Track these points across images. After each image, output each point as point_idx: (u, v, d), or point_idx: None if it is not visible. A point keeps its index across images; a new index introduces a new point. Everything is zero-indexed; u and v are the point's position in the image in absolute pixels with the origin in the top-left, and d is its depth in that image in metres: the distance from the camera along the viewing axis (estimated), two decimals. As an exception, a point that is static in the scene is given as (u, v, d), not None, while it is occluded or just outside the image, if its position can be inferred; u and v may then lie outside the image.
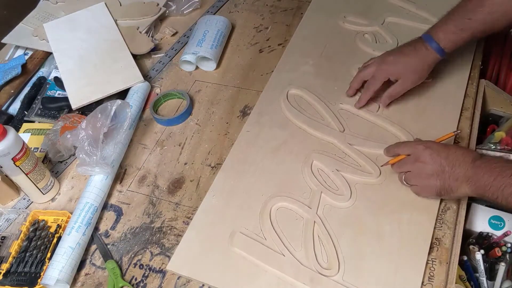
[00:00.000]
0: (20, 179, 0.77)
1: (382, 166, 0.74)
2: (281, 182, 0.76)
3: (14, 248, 0.73)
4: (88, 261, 0.73)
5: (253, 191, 0.75)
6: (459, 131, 0.74)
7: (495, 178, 0.62)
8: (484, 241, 0.72)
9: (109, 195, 0.81)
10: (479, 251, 0.69)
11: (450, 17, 0.78)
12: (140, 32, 1.07)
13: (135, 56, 1.02)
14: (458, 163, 0.65)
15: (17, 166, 0.74)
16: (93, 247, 0.75)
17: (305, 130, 0.83)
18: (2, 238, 0.76)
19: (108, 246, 0.74)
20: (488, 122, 0.89)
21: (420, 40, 0.79)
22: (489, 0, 0.73)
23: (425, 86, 0.84)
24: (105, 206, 0.79)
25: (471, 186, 0.65)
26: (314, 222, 0.70)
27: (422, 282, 0.63)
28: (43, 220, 0.77)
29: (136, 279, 0.70)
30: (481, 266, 0.69)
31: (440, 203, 0.70)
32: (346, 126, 0.82)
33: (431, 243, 0.66)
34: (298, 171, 0.77)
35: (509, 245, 0.70)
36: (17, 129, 0.93)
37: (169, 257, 0.71)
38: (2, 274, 0.71)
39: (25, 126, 0.94)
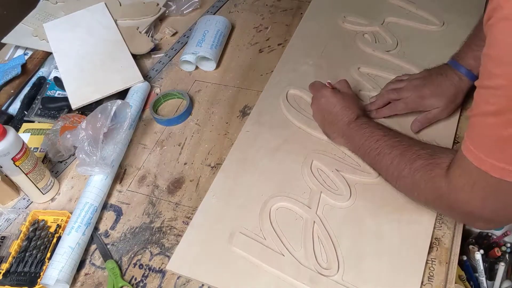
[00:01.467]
0: (20, 179, 0.77)
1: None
2: (281, 182, 0.76)
3: (14, 248, 0.73)
4: (88, 261, 0.73)
5: (252, 191, 0.75)
6: None
7: (364, 141, 0.70)
8: (484, 241, 0.72)
9: (109, 195, 0.81)
10: (478, 251, 0.70)
11: (475, 43, 0.76)
12: (140, 32, 1.07)
13: (135, 56, 1.02)
14: (336, 121, 0.75)
15: (17, 166, 0.74)
16: (93, 247, 0.75)
17: (304, 130, 0.83)
18: (2, 238, 0.76)
19: (108, 246, 0.74)
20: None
21: (449, 68, 0.78)
22: None
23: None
24: (105, 206, 0.79)
25: (346, 142, 0.75)
26: (314, 222, 0.70)
27: (422, 282, 0.63)
28: (43, 220, 0.77)
29: (136, 279, 0.70)
30: (480, 266, 0.69)
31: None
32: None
33: (431, 243, 0.66)
34: (297, 171, 0.77)
35: (508, 245, 0.71)
36: (17, 129, 0.93)
37: (168, 257, 0.71)
38: (2, 274, 0.71)
39: (25, 126, 0.94)
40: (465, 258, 0.71)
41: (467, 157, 0.52)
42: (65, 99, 0.95)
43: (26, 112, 0.97)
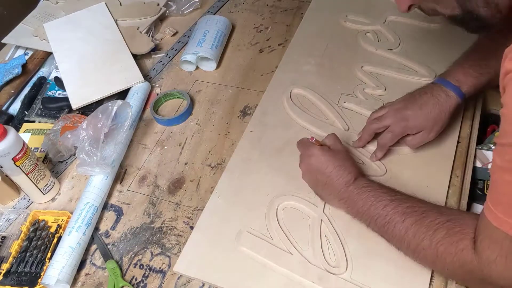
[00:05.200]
0: (20, 179, 0.77)
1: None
2: (287, 181, 0.76)
3: (14, 248, 0.73)
4: (88, 261, 0.73)
5: (258, 191, 0.75)
6: None
7: (369, 207, 0.63)
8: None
9: (109, 195, 0.81)
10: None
11: (466, 61, 0.74)
12: (140, 32, 1.07)
13: (135, 56, 1.02)
14: (331, 182, 0.67)
15: (17, 166, 0.74)
16: (93, 247, 0.75)
17: (309, 130, 0.83)
18: (3, 238, 0.76)
19: (108, 246, 0.74)
20: (488, 122, 0.88)
21: (437, 86, 0.74)
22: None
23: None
24: (105, 206, 0.79)
25: (346, 207, 0.67)
26: (321, 220, 0.70)
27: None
28: (43, 220, 0.77)
29: (136, 279, 0.70)
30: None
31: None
32: (350, 125, 0.82)
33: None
34: None
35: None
36: (18, 129, 0.93)
37: (169, 257, 0.71)
38: (2, 274, 0.71)
39: (25, 126, 0.94)
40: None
41: (490, 220, 0.49)
42: (66, 99, 0.95)
43: (26, 112, 0.96)
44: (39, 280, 0.69)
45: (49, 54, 1.08)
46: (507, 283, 0.50)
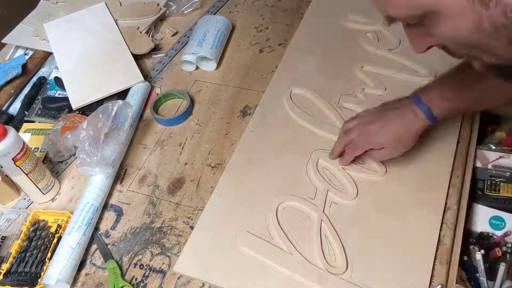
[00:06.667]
0: (20, 179, 0.77)
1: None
2: (287, 182, 0.76)
3: (14, 248, 0.73)
4: (88, 261, 0.73)
5: (258, 191, 0.75)
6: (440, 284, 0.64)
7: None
8: (485, 241, 0.72)
9: (109, 195, 0.81)
10: (479, 251, 0.69)
11: (448, 80, 0.68)
12: (140, 32, 1.07)
13: (135, 56, 1.02)
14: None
15: (17, 166, 0.74)
16: (94, 247, 0.75)
17: (309, 130, 0.83)
18: (3, 238, 0.76)
19: (109, 246, 0.74)
20: (488, 122, 0.88)
21: (408, 102, 0.68)
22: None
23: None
24: (105, 206, 0.79)
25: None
26: (321, 220, 0.70)
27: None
28: (44, 220, 0.77)
29: (136, 279, 0.70)
30: (481, 266, 0.69)
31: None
32: (350, 125, 0.82)
33: (438, 241, 0.66)
34: (303, 170, 0.77)
35: (509, 245, 0.70)
36: (18, 129, 0.93)
37: (169, 257, 0.71)
38: (2, 274, 0.71)
39: (25, 126, 0.94)
40: (465, 258, 0.71)
41: None
42: (66, 99, 0.95)
43: (26, 112, 0.97)
44: (39, 280, 0.69)
45: (49, 54, 1.08)
46: None
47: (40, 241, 0.74)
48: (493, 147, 0.79)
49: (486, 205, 0.73)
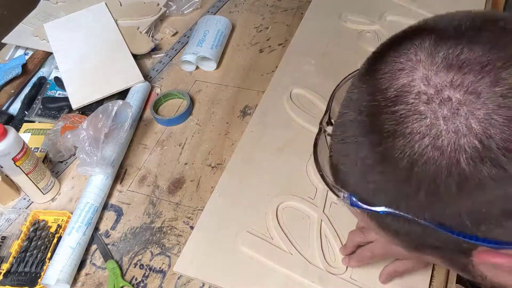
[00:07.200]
0: (20, 179, 0.77)
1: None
2: (287, 181, 0.76)
3: (14, 248, 0.73)
4: (88, 261, 0.73)
5: (258, 191, 0.75)
6: None
7: None
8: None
9: (109, 195, 0.81)
10: (479, 251, 0.69)
11: None
12: (141, 32, 1.07)
13: (135, 56, 1.02)
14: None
15: (17, 166, 0.74)
16: (94, 247, 0.75)
17: (309, 130, 0.83)
18: (2, 238, 0.76)
19: (108, 246, 0.74)
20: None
21: None
22: None
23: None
24: (105, 206, 0.79)
25: None
26: (321, 220, 0.70)
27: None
28: (44, 220, 0.77)
29: (136, 279, 0.70)
30: (481, 266, 0.69)
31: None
32: (350, 126, 0.82)
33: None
34: (303, 170, 0.77)
35: (509, 245, 0.70)
36: (18, 129, 0.93)
37: (169, 257, 0.71)
38: (2, 274, 0.71)
39: (25, 126, 0.94)
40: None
41: None
42: (66, 99, 0.95)
43: (26, 112, 0.96)
44: (39, 280, 0.69)
45: (49, 54, 1.08)
46: None
47: (40, 241, 0.74)
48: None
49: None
